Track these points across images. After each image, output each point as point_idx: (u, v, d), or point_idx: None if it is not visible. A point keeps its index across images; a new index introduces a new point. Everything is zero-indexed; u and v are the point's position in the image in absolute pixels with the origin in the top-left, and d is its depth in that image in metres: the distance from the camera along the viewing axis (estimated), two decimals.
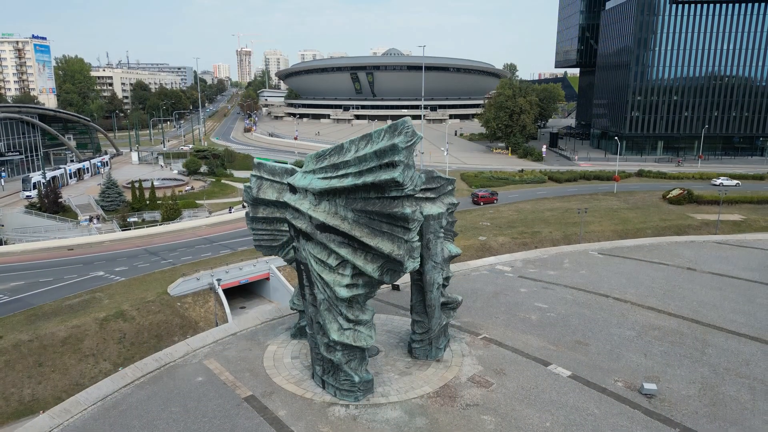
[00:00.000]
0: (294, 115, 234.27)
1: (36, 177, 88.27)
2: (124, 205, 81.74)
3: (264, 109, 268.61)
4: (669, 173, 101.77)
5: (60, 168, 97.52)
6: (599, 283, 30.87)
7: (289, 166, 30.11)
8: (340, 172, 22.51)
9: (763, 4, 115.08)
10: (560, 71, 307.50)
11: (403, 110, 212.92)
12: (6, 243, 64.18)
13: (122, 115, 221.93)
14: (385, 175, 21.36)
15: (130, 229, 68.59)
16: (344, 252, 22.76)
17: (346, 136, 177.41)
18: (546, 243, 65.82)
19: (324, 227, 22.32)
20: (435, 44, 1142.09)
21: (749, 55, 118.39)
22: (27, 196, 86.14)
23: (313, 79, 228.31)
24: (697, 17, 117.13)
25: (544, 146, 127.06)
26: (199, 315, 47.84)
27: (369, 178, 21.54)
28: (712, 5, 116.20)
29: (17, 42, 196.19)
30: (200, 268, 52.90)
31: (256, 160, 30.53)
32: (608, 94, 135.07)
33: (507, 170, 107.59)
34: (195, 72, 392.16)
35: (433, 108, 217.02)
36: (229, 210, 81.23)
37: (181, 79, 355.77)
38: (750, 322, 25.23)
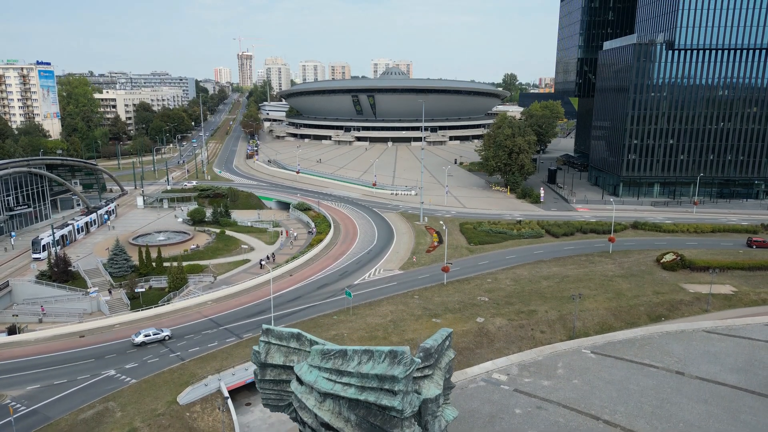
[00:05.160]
0: (295, 135, 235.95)
1: (45, 239, 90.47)
2: (131, 270, 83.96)
3: (266, 125, 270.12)
4: (663, 226, 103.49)
5: (68, 225, 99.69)
6: (591, 399, 32.20)
7: (295, 330, 32.20)
8: (344, 380, 24.72)
9: (757, 51, 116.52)
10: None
11: (403, 131, 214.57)
12: (20, 329, 66.43)
13: (125, 136, 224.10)
14: (385, 401, 23.62)
15: (139, 309, 70.81)
16: None
17: (347, 162, 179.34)
18: (542, 324, 67.98)
19: (328, 426, 24.60)
20: (435, 46, 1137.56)
21: (745, 101, 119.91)
22: (36, 258, 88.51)
23: (315, 100, 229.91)
24: (693, 64, 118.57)
25: (542, 189, 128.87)
26: (207, 425, 50.07)
27: (371, 398, 23.74)
28: (707, 52, 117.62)
29: (22, 68, 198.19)
30: (207, 368, 55.18)
31: (264, 327, 32.62)
32: (605, 135, 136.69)
33: (505, 219, 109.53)
34: (196, 81, 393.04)
35: (434, 129, 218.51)
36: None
37: (183, 91, 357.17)
38: None
